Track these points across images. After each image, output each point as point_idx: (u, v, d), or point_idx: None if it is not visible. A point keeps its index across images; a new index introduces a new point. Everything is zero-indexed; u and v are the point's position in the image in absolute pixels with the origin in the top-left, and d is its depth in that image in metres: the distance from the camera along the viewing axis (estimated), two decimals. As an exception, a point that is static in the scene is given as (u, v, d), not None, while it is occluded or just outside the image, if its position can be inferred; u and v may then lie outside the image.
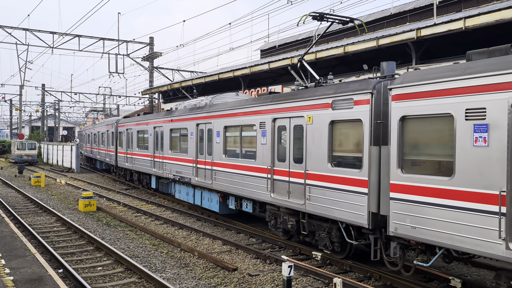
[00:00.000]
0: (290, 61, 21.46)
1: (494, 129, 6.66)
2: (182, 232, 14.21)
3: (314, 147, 10.35)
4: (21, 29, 32.31)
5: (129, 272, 9.91)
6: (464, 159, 7.05)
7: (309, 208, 10.44)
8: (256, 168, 12.60)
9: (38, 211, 18.01)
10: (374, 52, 18.35)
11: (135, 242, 12.87)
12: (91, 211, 17.94)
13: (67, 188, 26.11)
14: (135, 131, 23.62)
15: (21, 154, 45.04)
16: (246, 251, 11.64)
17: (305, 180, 10.60)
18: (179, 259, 11.13)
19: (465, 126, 7.04)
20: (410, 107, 7.94)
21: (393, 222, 8.21)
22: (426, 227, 7.63)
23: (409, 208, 7.93)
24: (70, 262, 10.58)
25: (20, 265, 9.31)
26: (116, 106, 62.76)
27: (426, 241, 7.68)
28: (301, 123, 10.83)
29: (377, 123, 8.85)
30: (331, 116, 9.86)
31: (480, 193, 6.84)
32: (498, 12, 13.35)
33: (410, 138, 8.02)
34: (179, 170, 17.80)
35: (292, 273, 7.87)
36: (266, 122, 12.17)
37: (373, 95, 8.83)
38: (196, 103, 17.34)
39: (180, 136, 17.97)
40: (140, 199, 21.25)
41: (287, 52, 31.05)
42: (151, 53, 37.08)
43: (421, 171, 7.85)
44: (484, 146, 6.78)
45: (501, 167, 6.54)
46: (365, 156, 8.92)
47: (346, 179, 9.44)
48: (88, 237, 12.86)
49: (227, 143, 14.37)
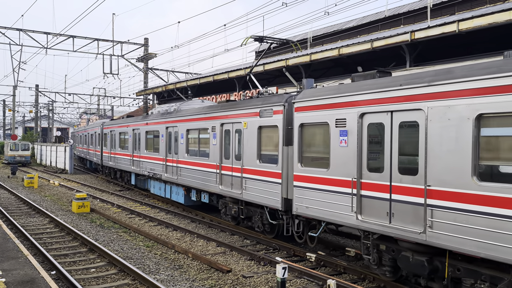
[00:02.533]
0: (285, 63, 21.49)
1: (351, 134, 9.15)
2: (176, 233, 14.17)
3: (248, 147, 12.71)
4: (14, 29, 32.12)
5: (122, 274, 9.87)
6: (335, 156, 9.53)
7: (245, 196, 12.83)
8: (209, 164, 14.87)
9: (31, 213, 17.90)
10: (369, 54, 18.43)
11: (129, 243, 12.82)
12: (85, 213, 17.85)
13: (61, 189, 25.97)
14: (117, 133, 25.97)
15: (14, 155, 44.76)
16: (240, 252, 11.63)
17: (242, 174, 12.98)
18: (173, 260, 11.10)
19: (335, 132, 9.52)
20: (305, 116, 10.44)
21: (295, 204, 10.74)
22: (314, 207, 10.14)
23: (304, 193, 10.42)
24: (63, 263, 10.52)
25: (12, 267, 9.24)
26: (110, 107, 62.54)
27: (315, 217, 10.20)
28: (240, 127, 13.22)
29: (288, 129, 11.25)
30: (259, 122, 12.26)
31: (343, 180, 9.32)
32: (491, 15, 13.46)
33: (306, 140, 10.55)
34: (152, 168, 20.08)
35: (286, 275, 7.88)
36: (216, 126, 14.45)
37: (285, 107, 11.30)
38: (167, 108, 19.71)
39: (153, 137, 20.29)
40: (134, 201, 21.17)
41: (282, 53, 31.09)
42: (145, 54, 36.99)
43: (312, 165, 10.36)
44: (345, 146, 9.28)
45: (354, 161, 9.04)
46: (280, 154, 11.43)
47: (268, 172, 11.87)
48: (82, 239, 12.79)
49: (189, 144, 16.73)
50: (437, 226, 7.34)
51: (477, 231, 6.76)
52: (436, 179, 7.36)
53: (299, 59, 20.62)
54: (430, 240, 7.43)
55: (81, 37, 33.46)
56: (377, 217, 8.49)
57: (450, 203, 7.15)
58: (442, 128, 7.31)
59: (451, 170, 7.13)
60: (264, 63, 23.32)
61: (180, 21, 29.68)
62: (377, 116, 8.55)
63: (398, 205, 8.05)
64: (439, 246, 7.34)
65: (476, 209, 6.78)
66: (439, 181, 7.32)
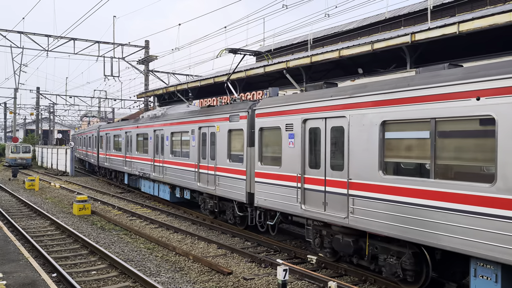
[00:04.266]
0: (285, 65, 21.49)
1: (297, 137, 10.68)
2: (177, 235, 14.16)
3: (220, 148, 14.27)
4: (15, 32, 32.15)
5: (123, 276, 9.86)
6: (285, 155, 11.08)
7: (219, 192, 14.40)
8: (190, 164, 16.47)
9: (32, 215, 17.90)
10: (369, 56, 18.43)
11: (130, 245, 12.82)
12: (86, 215, 17.86)
13: (62, 191, 25.98)
14: (112, 135, 27.68)
15: (15, 158, 44.79)
16: (241, 254, 11.62)
17: (215, 172, 14.55)
18: (174, 263, 11.09)
19: (285, 135, 11.06)
20: (264, 121, 12.06)
21: (256, 197, 12.30)
22: (270, 199, 11.69)
23: (263, 187, 12.00)
24: (64, 266, 10.51)
25: (13, 269, 9.24)
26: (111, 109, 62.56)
27: (271, 208, 11.80)
28: (214, 131, 14.71)
29: (251, 132, 12.78)
30: (229, 126, 13.81)
31: (291, 176, 10.87)
32: (491, 17, 13.46)
33: (264, 142, 12.20)
34: (143, 168, 21.75)
35: (287, 277, 7.87)
36: (195, 129, 16.00)
37: (249, 113, 12.88)
38: (156, 112, 21.50)
39: (143, 140, 21.98)
40: (135, 203, 21.17)
41: (282, 55, 31.11)
42: (146, 56, 37.04)
43: (269, 163, 11.96)
44: (292, 147, 10.87)
45: (299, 159, 10.62)
46: (245, 154, 13.00)
47: (236, 170, 13.44)
48: (83, 241, 12.79)
49: (173, 145, 18.31)
50: (356, 212, 8.94)
51: (383, 215, 8.37)
52: (355, 174, 9.00)
53: (299, 61, 20.62)
54: (352, 224, 9.05)
55: (82, 39, 33.51)
56: (316, 206, 10.14)
57: (364, 193, 8.78)
58: (358, 132, 8.93)
59: (365, 166, 8.76)
60: (265, 65, 23.33)
61: (181, 24, 29.72)
62: (316, 122, 10.18)
63: (330, 195, 9.70)
64: (358, 228, 8.96)
65: (382, 197, 8.38)
66: (357, 175, 8.96)
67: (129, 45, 36.03)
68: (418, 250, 8.23)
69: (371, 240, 9.10)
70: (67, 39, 32.40)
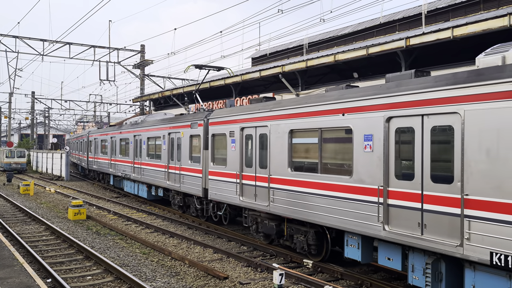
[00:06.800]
0: (281, 69, 21.55)
1: (237, 141, 13.06)
2: (172, 240, 14.13)
3: (184, 150, 16.69)
4: (11, 36, 32.08)
5: (119, 281, 9.82)
6: (229, 157, 13.42)
7: (183, 189, 16.78)
8: (162, 165, 18.82)
9: (27, 220, 17.80)
10: (364, 60, 18.52)
11: (125, 250, 12.76)
12: (81, 220, 17.77)
13: (57, 196, 25.86)
14: (99, 140, 29.80)
15: (10, 162, 44.56)
16: (237, 259, 11.60)
17: (180, 171, 16.99)
18: (170, 267, 11.05)
19: (229, 140, 13.46)
20: (215, 129, 14.41)
21: (210, 192, 14.61)
22: (220, 193, 13.95)
23: (214, 183, 14.30)
24: (59, 271, 10.45)
25: (7, 275, 9.18)
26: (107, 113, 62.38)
27: (221, 201, 14.12)
28: (179, 136, 17.15)
29: (206, 137, 15.10)
30: (190, 132, 16.21)
31: (233, 173, 13.20)
32: (485, 22, 13.57)
33: (215, 145, 14.50)
34: (125, 169, 23.98)
35: (283, 281, 7.87)
36: (165, 135, 18.49)
37: (204, 121, 15.22)
38: (137, 119, 24.19)
39: (125, 144, 24.25)
40: (130, 207, 21.10)
41: (278, 60, 31.19)
42: (142, 60, 37.04)
43: (219, 163, 14.22)
44: (234, 150, 13.20)
45: (238, 160, 12.96)
46: (201, 156, 15.33)
47: (195, 169, 15.76)
48: (78, 246, 12.72)
49: (149, 149, 20.60)
50: (275, 201, 11.37)
51: (291, 202, 10.80)
52: (273, 171, 11.45)
53: (295, 65, 20.69)
54: (272, 210, 11.49)
55: (77, 44, 33.49)
56: (249, 197, 12.48)
57: (279, 185, 11.22)
58: (276, 138, 11.35)
59: (280, 164, 11.19)
60: (261, 69, 23.38)
61: (177, 28, 29.78)
62: (249, 130, 12.63)
63: (259, 188, 12.06)
64: (276, 213, 11.43)
65: (290, 189, 10.83)
66: (275, 171, 11.40)
67: (124, 49, 36.04)
68: (321, 230, 10.63)
69: (289, 223, 11.56)
70: (62, 43, 32.36)
